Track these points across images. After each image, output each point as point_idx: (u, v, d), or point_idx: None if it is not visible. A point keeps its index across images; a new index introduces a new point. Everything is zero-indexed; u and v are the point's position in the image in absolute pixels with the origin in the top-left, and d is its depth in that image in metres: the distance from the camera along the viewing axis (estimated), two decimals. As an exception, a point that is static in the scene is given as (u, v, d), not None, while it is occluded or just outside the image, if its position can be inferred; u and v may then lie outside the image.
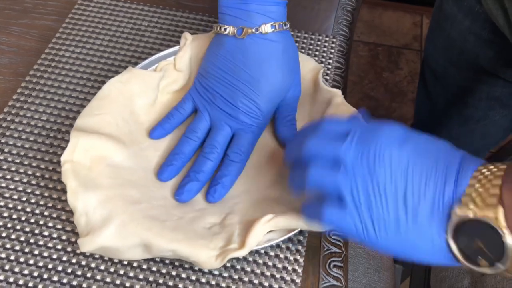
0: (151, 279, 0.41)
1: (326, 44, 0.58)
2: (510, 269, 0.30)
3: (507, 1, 0.50)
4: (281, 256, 0.42)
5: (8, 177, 0.45)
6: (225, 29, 0.45)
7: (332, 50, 0.58)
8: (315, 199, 0.36)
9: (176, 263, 0.42)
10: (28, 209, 0.44)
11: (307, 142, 0.36)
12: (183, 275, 0.41)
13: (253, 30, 0.44)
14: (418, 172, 0.32)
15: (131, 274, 0.41)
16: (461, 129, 0.74)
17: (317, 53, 0.57)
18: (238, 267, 0.42)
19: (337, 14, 0.63)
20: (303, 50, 0.57)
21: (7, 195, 0.44)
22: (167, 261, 0.42)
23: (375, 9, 1.79)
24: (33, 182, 0.45)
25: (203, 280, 0.41)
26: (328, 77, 0.55)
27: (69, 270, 0.41)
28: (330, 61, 0.57)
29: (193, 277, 0.41)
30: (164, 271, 0.41)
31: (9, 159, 0.47)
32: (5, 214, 0.43)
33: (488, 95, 0.67)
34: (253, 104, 0.46)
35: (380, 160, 0.33)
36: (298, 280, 0.41)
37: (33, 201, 0.44)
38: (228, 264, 0.42)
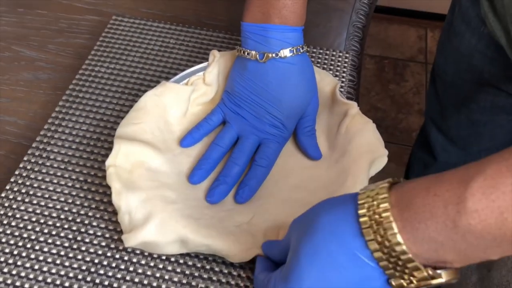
0: (187, 272, 0.45)
1: (340, 59, 0.63)
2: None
3: (510, 24, 0.55)
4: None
5: (55, 181, 0.50)
6: (248, 54, 0.50)
7: (346, 65, 0.62)
8: None
9: (210, 258, 0.46)
10: (74, 210, 0.48)
11: None
12: (216, 269, 0.45)
13: (273, 55, 0.49)
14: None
15: (169, 268, 0.45)
16: (469, 130, 0.77)
17: (331, 67, 0.62)
18: (265, 261, 0.46)
19: (349, 31, 0.68)
20: (318, 65, 0.62)
21: (54, 197, 0.49)
22: (201, 256, 0.46)
23: (380, 23, 1.85)
24: (77, 185, 0.50)
25: (235, 273, 0.45)
26: (342, 89, 0.60)
27: (113, 264, 0.45)
28: (344, 74, 0.61)
29: (225, 270, 0.45)
30: (199, 265, 0.45)
31: (55, 165, 0.51)
32: (54, 215, 0.48)
33: (492, 103, 0.71)
34: (277, 120, 0.50)
35: None
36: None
37: (78, 203, 0.49)
38: (256, 259, 0.46)
